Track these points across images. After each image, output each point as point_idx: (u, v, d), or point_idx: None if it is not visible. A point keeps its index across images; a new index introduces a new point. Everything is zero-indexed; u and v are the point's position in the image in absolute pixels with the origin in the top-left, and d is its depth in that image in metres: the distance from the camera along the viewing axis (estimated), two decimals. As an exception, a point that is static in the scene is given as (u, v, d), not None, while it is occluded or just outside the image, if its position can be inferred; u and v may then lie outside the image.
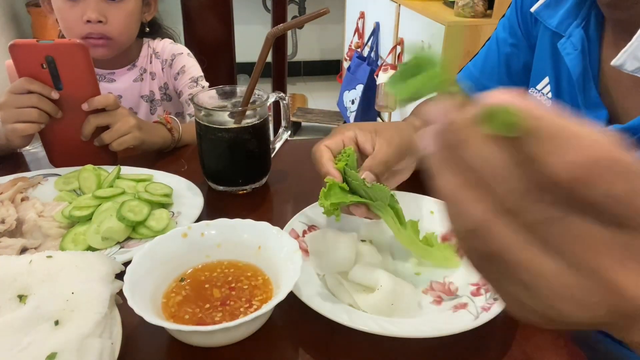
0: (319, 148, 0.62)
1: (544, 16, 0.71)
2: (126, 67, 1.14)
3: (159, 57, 1.16)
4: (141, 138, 0.87)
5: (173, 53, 1.16)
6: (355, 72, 2.83)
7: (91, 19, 0.97)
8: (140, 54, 1.15)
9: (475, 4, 1.94)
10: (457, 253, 0.36)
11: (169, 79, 1.18)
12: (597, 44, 0.64)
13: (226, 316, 0.51)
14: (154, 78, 1.16)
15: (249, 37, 2.97)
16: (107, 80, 1.13)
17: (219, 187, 0.80)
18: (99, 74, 1.12)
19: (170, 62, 1.16)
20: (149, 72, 1.16)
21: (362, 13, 3.00)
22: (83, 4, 0.97)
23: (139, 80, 1.15)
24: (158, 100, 1.18)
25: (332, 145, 0.62)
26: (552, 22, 0.69)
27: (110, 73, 1.13)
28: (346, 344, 0.52)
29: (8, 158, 0.91)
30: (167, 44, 1.17)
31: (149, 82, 1.16)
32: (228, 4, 1.46)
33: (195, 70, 1.17)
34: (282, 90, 1.78)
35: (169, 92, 1.19)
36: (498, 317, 0.52)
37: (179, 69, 1.16)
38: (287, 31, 0.84)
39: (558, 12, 0.68)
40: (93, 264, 0.50)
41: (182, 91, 1.16)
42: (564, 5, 0.68)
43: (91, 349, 0.42)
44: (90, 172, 0.76)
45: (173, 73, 1.16)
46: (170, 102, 1.21)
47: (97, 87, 0.82)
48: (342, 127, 0.66)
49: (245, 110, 0.75)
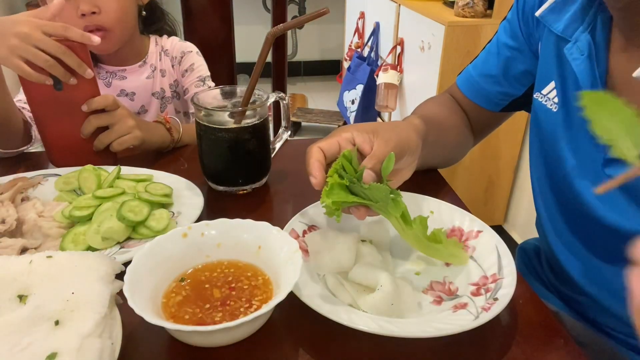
0: (311, 149, 0.62)
1: (548, 20, 0.70)
2: (137, 64, 1.14)
3: (168, 54, 1.17)
4: (141, 138, 0.87)
5: (182, 50, 1.17)
6: (355, 72, 2.83)
7: (84, 12, 0.96)
8: (149, 50, 1.15)
9: (475, 4, 1.94)
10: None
11: (179, 76, 1.18)
12: (605, 48, 0.63)
13: (226, 316, 0.51)
14: (164, 75, 1.17)
15: (249, 37, 2.97)
16: (119, 78, 1.13)
17: (219, 187, 0.80)
18: (110, 71, 1.12)
19: (180, 59, 1.17)
20: (159, 69, 1.16)
21: (362, 13, 3.00)
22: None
23: (151, 77, 1.15)
24: (169, 97, 1.19)
25: (326, 147, 0.62)
26: (558, 27, 0.68)
27: (121, 70, 1.13)
28: (346, 344, 0.52)
29: (8, 158, 0.91)
30: (175, 41, 1.18)
31: (160, 79, 1.17)
32: (228, 4, 1.46)
33: (204, 69, 1.17)
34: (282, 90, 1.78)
35: (178, 89, 1.20)
36: (498, 317, 0.52)
37: (187, 66, 1.16)
38: (287, 31, 0.84)
39: (563, 17, 0.67)
40: (93, 264, 0.50)
41: (188, 89, 1.17)
42: (570, 10, 0.67)
43: (91, 349, 0.42)
44: (90, 172, 0.76)
45: (181, 70, 1.17)
46: (180, 100, 1.21)
47: (97, 87, 0.82)
48: (340, 129, 0.66)
49: (245, 110, 0.75)
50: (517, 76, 0.81)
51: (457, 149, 0.90)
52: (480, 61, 0.86)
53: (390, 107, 2.48)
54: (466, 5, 1.95)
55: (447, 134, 0.84)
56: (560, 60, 0.69)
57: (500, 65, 0.82)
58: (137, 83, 1.14)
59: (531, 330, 0.54)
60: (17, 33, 0.73)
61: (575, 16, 0.66)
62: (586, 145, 0.66)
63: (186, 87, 1.17)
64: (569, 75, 0.68)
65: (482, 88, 0.85)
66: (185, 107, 1.23)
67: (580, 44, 0.64)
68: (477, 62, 0.87)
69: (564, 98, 0.69)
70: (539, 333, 0.54)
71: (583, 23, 0.65)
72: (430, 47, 2.06)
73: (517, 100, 0.84)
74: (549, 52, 0.71)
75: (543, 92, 0.73)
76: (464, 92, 0.88)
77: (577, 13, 0.66)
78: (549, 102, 0.72)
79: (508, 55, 0.80)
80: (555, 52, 0.70)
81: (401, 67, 2.45)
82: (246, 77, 1.07)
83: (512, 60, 0.80)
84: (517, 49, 0.79)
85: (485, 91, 0.85)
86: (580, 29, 0.65)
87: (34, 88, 0.79)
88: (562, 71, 0.69)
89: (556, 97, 0.70)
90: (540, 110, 0.74)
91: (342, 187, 0.57)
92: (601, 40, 0.63)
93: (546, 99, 0.72)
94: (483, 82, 0.84)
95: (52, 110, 0.82)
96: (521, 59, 0.79)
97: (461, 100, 0.89)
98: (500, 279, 0.57)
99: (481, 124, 0.91)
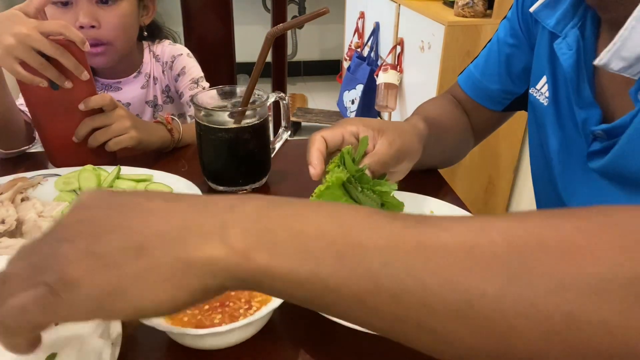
0: (315, 137, 0.62)
1: (542, 16, 0.70)
2: (132, 75, 1.13)
3: (159, 60, 1.15)
4: (138, 138, 0.86)
5: (173, 55, 1.15)
6: (355, 72, 2.83)
7: (83, 24, 0.94)
8: (143, 60, 1.14)
9: (475, 4, 1.94)
10: None
11: (170, 81, 1.17)
12: (593, 44, 0.64)
13: (225, 318, 0.51)
14: (156, 82, 1.16)
15: (249, 37, 2.97)
16: (114, 90, 1.11)
17: (219, 187, 0.80)
18: (106, 83, 1.10)
19: (171, 64, 1.15)
20: (152, 77, 1.15)
21: (362, 13, 3.00)
22: (75, 10, 0.95)
23: (146, 86, 1.15)
24: (160, 105, 1.18)
25: (329, 137, 0.62)
26: (550, 23, 0.69)
27: (116, 82, 1.12)
28: (346, 344, 0.52)
29: (8, 158, 0.91)
30: (166, 45, 1.16)
31: (152, 87, 1.16)
32: (228, 4, 1.46)
33: (196, 70, 1.16)
34: (282, 90, 1.78)
35: (171, 94, 1.19)
36: (498, 317, 0.52)
37: (179, 70, 1.15)
38: (287, 31, 0.84)
39: (556, 13, 0.68)
40: (93, 264, 0.49)
41: (183, 92, 1.16)
42: (562, 6, 0.68)
43: (91, 349, 0.42)
44: (90, 172, 0.76)
45: (174, 74, 1.16)
46: (172, 105, 1.20)
47: (94, 87, 0.82)
48: (345, 121, 0.65)
49: (245, 110, 0.75)
50: (519, 74, 0.81)
51: (458, 149, 0.90)
52: (482, 60, 0.86)
53: (390, 107, 2.48)
54: (466, 5, 1.95)
55: (447, 134, 0.84)
56: (552, 55, 0.70)
57: (501, 63, 0.82)
58: (132, 94, 1.13)
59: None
60: (15, 34, 0.73)
61: (566, 12, 0.67)
62: (573, 140, 0.67)
63: (181, 90, 1.16)
64: (559, 70, 0.69)
65: (485, 87, 0.85)
66: (179, 110, 1.22)
67: (569, 40, 0.64)
68: (478, 61, 0.87)
69: (554, 92, 0.70)
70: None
71: (573, 19, 0.66)
72: (430, 47, 2.06)
73: (519, 99, 0.84)
74: (543, 48, 0.72)
75: (537, 87, 0.74)
76: (466, 91, 0.88)
77: (568, 9, 0.67)
78: (542, 97, 0.72)
79: (509, 53, 0.81)
80: (547, 48, 0.71)
81: (401, 67, 2.45)
82: (246, 77, 1.07)
83: (513, 57, 0.81)
84: (517, 46, 0.80)
85: (487, 90, 0.85)
86: (571, 24, 0.66)
87: (31, 88, 0.79)
88: (552, 66, 0.70)
89: (547, 91, 0.71)
90: (535, 104, 0.75)
91: (339, 187, 0.57)
92: (590, 35, 0.64)
93: (539, 94, 0.73)
94: (485, 81, 0.85)
95: (49, 110, 0.81)
96: (521, 56, 0.80)
97: (463, 100, 0.89)
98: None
99: (482, 124, 0.91)
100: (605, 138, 0.61)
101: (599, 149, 0.62)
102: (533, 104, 0.76)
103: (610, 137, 0.60)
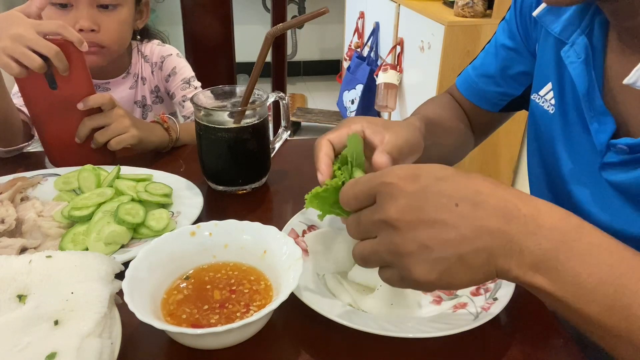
0: (321, 141, 0.61)
1: (546, 21, 0.69)
2: (121, 76, 1.13)
3: (148, 60, 1.15)
4: (138, 137, 0.86)
5: (162, 55, 1.15)
6: (355, 72, 2.84)
7: (84, 28, 0.95)
8: (132, 60, 1.14)
9: (475, 4, 1.94)
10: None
11: (160, 82, 1.17)
12: (602, 52, 0.62)
13: (222, 319, 0.51)
14: (145, 83, 1.16)
15: (248, 36, 2.97)
16: (102, 90, 1.12)
17: (218, 187, 0.80)
18: (95, 84, 1.11)
19: (160, 64, 1.15)
20: (140, 77, 1.15)
21: (361, 13, 3.00)
22: (75, 13, 0.95)
23: (134, 87, 1.15)
24: (149, 105, 1.18)
25: (336, 139, 0.61)
26: (555, 28, 0.67)
27: (105, 83, 1.12)
28: (346, 344, 0.52)
29: (8, 158, 0.91)
30: (154, 46, 1.16)
31: (141, 87, 1.16)
32: (228, 3, 1.46)
33: (187, 70, 1.16)
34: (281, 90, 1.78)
35: (160, 94, 1.19)
36: (498, 317, 0.52)
37: (169, 70, 1.15)
38: (287, 31, 0.84)
39: (560, 18, 0.67)
40: (92, 264, 0.49)
41: (175, 93, 1.15)
42: (567, 11, 0.66)
43: (91, 349, 0.42)
44: (89, 172, 0.76)
45: (164, 75, 1.16)
46: (162, 105, 1.20)
47: (92, 85, 0.82)
48: (349, 120, 0.64)
49: (245, 110, 0.75)
50: (515, 76, 0.81)
51: (458, 150, 0.90)
52: (479, 62, 0.86)
53: (389, 107, 2.48)
54: (466, 5, 1.95)
55: (447, 135, 0.84)
56: (559, 62, 0.68)
57: (498, 66, 0.82)
58: (121, 94, 1.13)
59: (531, 330, 0.54)
60: (11, 35, 0.73)
61: (572, 18, 0.65)
62: (583, 149, 0.66)
63: (172, 91, 1.16)
64: (566, 78, 0.67)
65: (481, 89, 0.85)
66: (170, 110, 1.22)
67: (577, 47, 0.63)
68: (475, 63, 0.87)
69: (561, 100, 0.69)
70: (539, 333, 0.54)
71: (580, 25, 0.64)
72: (430, 47, 2.06)
73: (517, 100, 0.84)
74: (547, 53, 0.71)
75: (540, 94, 0.73)
76: (462, 93, 0.88)
77: (574, 15, 0.65)
78: (546, 104, 0.71)
79: (506, 55, 0.80)
80: (553, 54, 0.69)
81: (401, 67, 2.45)
82: (246, 77, 1.07)
83: (510, 60, 0.80)
84: (514, 49, 0.79)
85: (483, 92, 0.85)
86: (578, 31, 0.64)
87: (29, 88, 0.79)
88: (559, 73, 0.68)
89: (553, 98, 0.70)
90: (538, 111, 0.74)
91: (322, 198, 0.55)
92: (598, 43, 0.62)
93: (543, 101, 0.72)
94: (481, 83, 0.84)
95: (48, 109, 0.81)
96: (519, 59, 0.79)
97: (461, 101, 0.89)
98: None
99: (481, 124, 0.91)
100: (627, 152, 0.58)
101: (617, 162, 0.60)
102: (535, 110, 0.75)
103: (633, 152, 0.58)
